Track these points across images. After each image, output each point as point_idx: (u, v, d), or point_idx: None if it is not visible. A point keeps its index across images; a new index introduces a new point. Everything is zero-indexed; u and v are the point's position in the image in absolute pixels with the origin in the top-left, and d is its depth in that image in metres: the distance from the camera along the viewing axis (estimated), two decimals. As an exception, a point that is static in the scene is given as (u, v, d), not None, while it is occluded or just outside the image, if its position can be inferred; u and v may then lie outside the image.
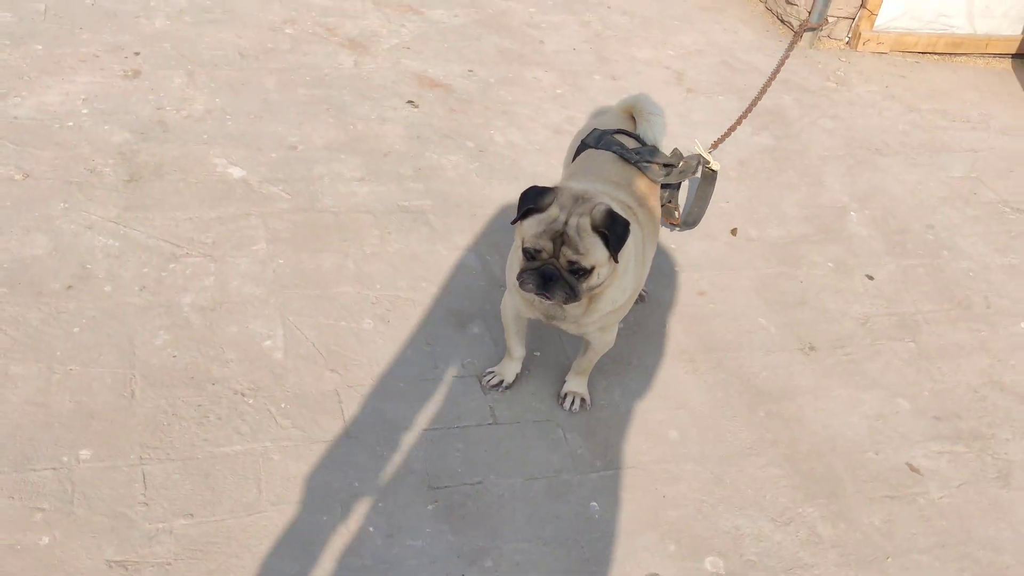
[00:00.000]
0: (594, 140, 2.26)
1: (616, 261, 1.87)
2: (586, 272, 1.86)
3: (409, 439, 2.16)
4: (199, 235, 2.59)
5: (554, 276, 1.86)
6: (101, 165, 2.78)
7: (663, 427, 2.31)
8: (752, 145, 3.56)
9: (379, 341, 2.38)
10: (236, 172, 2.86)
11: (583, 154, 2.27)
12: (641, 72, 3.90)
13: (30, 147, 2.79)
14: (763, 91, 3.34)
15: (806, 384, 2.52)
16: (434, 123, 3.29)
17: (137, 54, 3.35)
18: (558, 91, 3.64)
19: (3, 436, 1.97)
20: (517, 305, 2.13)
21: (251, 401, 2.16)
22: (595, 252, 1.84)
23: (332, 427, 2.15)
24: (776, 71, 3.72)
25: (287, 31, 3.69)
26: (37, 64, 3.18)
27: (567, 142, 2.85)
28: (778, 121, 3.76)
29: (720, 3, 4.69)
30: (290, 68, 3.44)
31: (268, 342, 2.32)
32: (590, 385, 2.33)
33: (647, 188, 2.20)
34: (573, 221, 1.84)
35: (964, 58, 4.63)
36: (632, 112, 2.36)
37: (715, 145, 2.86)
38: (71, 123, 2.92)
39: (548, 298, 1.88)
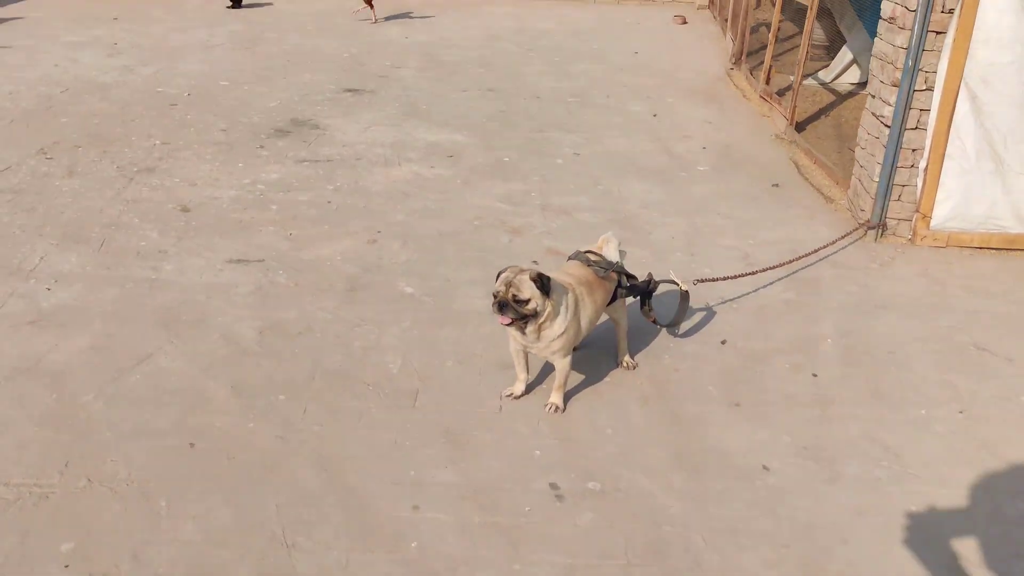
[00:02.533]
0: (573, 255, 3.93)
1: (547, 296, 3.45)
2: (523, 301, 3.46)
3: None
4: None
5: (505, 303, 3.48)
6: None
7: (603, 426, 3.73)
8: (776, 298, 4.87)
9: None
10: (408, 289, 4.79)
11: (567, 262, 3.93)
12: (720, 254, 5.37)
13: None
14: (787, 263, 4.76)
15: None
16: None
17: (379, 232, 5.52)
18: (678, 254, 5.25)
19: (35, 457, 3.85)
20: (511, 342, 3.75)
21: (371, 389, 3.93)
22: (527, 289, 3.45)
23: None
24: (816, 251, 5.08)
25: (475, 223, 5.72)
26: (325, 235, 5.43)
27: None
28: (809, 286, 5.03)
29: (812, 210, 6.08)
30: (465, 243, 5.43)
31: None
32: (568, 402, 3.83)
33: (593, 279, 3.79)
34: (516, 277, 3.48)
35: (1021, 252, 5.54)
36: (602, 243, 4.00)
37: (702, 280, 4.36)
38: (337, 259, 5.07)
39: (504, 316, 3.47)
